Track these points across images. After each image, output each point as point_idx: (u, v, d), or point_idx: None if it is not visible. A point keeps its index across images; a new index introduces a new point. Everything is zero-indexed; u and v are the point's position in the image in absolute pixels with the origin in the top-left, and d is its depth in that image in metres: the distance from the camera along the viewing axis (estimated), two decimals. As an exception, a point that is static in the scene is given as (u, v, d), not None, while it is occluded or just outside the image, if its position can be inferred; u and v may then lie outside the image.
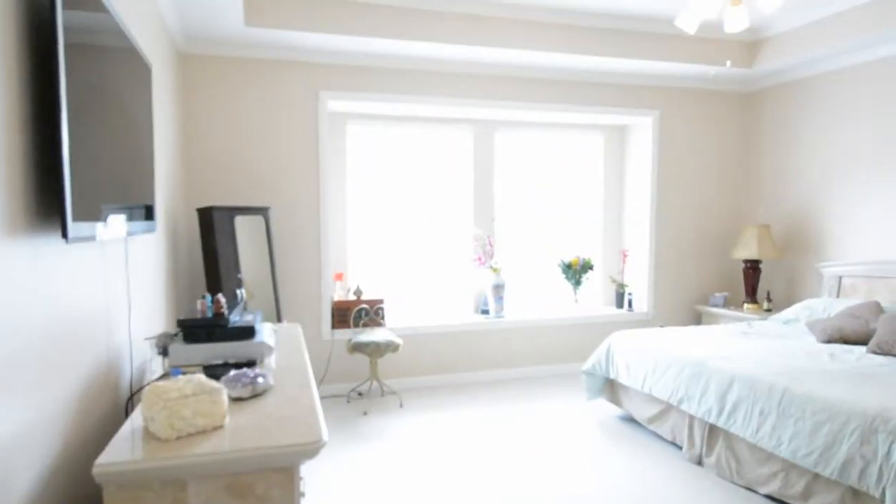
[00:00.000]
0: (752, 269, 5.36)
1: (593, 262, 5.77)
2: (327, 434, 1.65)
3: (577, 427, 4.07)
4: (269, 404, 1.79)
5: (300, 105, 4.68)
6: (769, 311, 5.19)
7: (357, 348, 4.41)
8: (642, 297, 5.74)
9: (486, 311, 5.47)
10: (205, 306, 2.43)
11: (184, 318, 2.37)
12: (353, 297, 4.94)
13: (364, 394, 4.87)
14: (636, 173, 5.82)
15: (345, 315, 4.86)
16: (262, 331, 2.54)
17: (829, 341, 3.79)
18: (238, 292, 3.43)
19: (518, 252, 5.75)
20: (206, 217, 4.00)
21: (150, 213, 2.51)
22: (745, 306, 5.33)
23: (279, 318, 4.34)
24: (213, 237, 3.96)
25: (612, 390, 4.24)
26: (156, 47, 3.29)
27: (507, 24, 4.57)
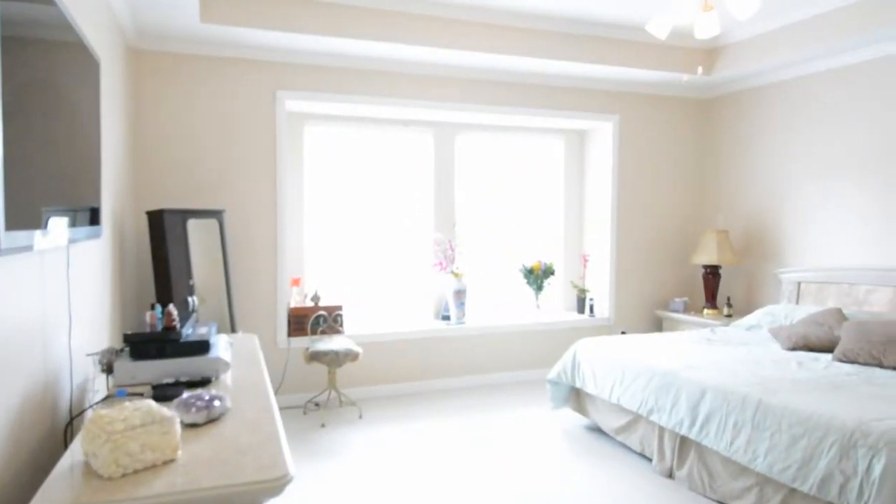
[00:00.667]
0: (712, 275, 5.40)
1: (555, 268, 5.73)
2: (293, 466, 1.50)
3: (541, 438, 3.99)
4: (227, 430, 1.64)
5: (257, 105, 4.50)
6: (730, 316, 5.23)
7: (315, 357, 4.23)
8: (603, 302, 5.72)
9: (447, 317, 5.35)
10: (155, 318, 2.26)
11: (131, 332, 2.19)
12: (310, 304, 4.76)
13: (321, 404, 4.70)
14: (596, 178, 5.81)
15: (302, 322, 4.67)
16: (218, 344, 2.37)
17: (794, 349, 3.81)
18: (190, 300, 3.24)
19: (479, 257, 5.66)
20: (157, 220, 3.77)
21: (95, 216, 2.32)
22: (705, 311, 5.36)
23: (233, 326, 4.14)
24: (163, 242, 3.73)
25: (578, 399, 4.17)
26: (105, 41, 3.08)
27: (468, 27, 4.50)
